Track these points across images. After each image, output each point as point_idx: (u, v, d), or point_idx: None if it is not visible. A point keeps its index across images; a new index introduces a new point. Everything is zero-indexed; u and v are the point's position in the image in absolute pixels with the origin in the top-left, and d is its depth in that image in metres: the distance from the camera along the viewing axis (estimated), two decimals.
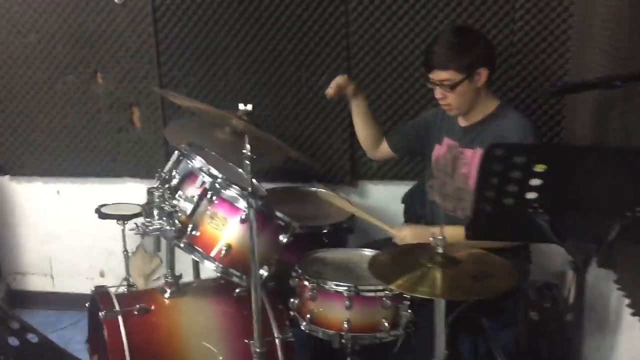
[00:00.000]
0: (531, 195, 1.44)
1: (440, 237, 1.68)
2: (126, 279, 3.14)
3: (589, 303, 2.65)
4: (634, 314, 1.80)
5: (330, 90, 2.54)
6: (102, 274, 3.54)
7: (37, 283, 3.62)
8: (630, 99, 1.77)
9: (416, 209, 2.80)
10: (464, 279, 1.62)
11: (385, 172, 3.10)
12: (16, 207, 3.55)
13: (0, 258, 3.59)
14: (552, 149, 1.53)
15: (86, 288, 3.45)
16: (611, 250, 1.85)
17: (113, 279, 3.43)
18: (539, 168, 1.38)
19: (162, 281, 2.21)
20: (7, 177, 3.49)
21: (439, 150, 2.45)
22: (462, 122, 2.37)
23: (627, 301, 1.88)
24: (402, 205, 2.88)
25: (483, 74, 2.23)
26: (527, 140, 2.17)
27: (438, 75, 2.21)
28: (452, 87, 2.19)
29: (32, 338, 1.58)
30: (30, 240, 3.58)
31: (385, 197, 3.13)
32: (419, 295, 1.59)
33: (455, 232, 1.77)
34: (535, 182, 1.41)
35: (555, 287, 2.86)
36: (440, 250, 1.68)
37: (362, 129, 2.65)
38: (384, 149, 2.67)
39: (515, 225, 1.54)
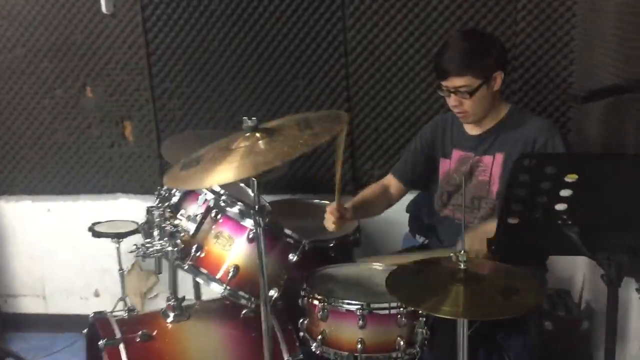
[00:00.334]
0: (561, 206, 1.36)
1: (461, 252, 1.59)
2: (122, 299, 3.04)
3: (603, 311, 2.59)
4: None
5: (331, 226, 2.18)
6: (96, 294, 3.44)
7: (29, 305, 3.50)
8: None
9: (422, 219, 2.72)
10: (489, 296, 1.53)
11: None
12: (6, 227, 3.43)
13: None
14: (584, 158, 1.45)
15: (81, 309, 3.42)
16: None
17: (108, 298, 3.34)
18: (570, 178, 1.30)
19: (159, 299, 2.10)
20: None
21: (447, 165, 2.35)
22: (473, 131, 2.28)
23: None
24: (407, 215, 2.79)
25: (499, 78, 2.15)
26: (555, 142, 2.09)
27: (454, 82, 2.12)
28: (471, 93, 2.11)
29: None
30: (21, 260, 3.46)
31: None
32: (442, 316, 1.50)
33: None
34: (566, 192, 1.34)
35: (567, 295, 2.79)
36: (462, 266, 1.59)
37: (372, 212, 2.45)
38: (396, 189, 2.47)
39: (543, 238, 1.46)
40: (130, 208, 3.19)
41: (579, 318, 2.61)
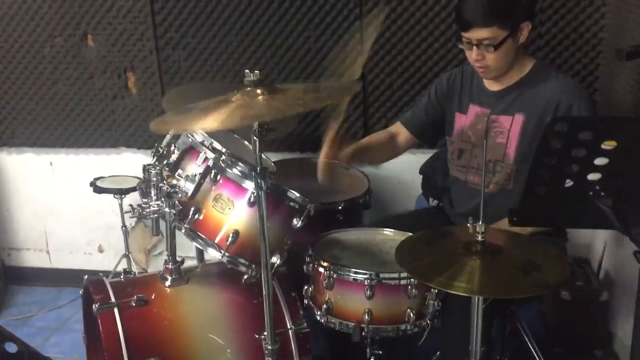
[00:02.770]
0: (594, 176, 1.22)
1: (479, 223, 1.46)
2: (126, 255, 2.98)
3: (625, 282, 2.47)
4: None
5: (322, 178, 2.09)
6: (101, 250, 3.39)
7: (33, 259, 3.47)
8: None
9: (436, 181, 2.58)
10: (509, 272, 1.41)
11: None
12: (7, 179, 3.36)
13: None
14: (626, 122, 1.30)
15: (85, 264, 3.37)
16: None
17: (112, 254, 3.30)
18: (608, 145, 1.15)
19: (165, 256, 2.01)
20: None
21: (463, 120, 2.19)
22: (493, 86, 2.11)
23: None
24: (420, 177, 2.66)
25: (525, 29, 1.97)
26: (580, 107, 1.93)
27: (477, 33, 1.94)
28: (496, 46, 1.93)
29: (10, 347, 1.38)
30: (24, 214, 3.40)
31: (402, 168, 2.88)
32: (456, 293, 1.38)
33: None
34: (601, 161, 1.19)
35: (587, 264, 2.67)
36: (479, 238, 1.46)
37: (375, 158, 2.30)
38: (403, 138, 2.32)
39: (571, 209, 1.32)
40: (135, 163, 3.07)
41: (598, 288, 2.49)
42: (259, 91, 1.50)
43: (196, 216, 1.83)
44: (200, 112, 1.52)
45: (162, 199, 1.82)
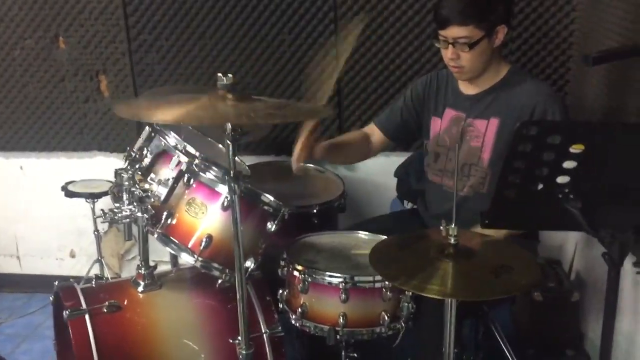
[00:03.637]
0: (563, 179, 1.24)
1: (452, 226, 1.47)
2: (98, 260, 2.94)
3: (595, 283, 2.51)
4: None
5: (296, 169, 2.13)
6: (72, 255, 3.34)
7: (2, 265, 3.41)
8: None
9: (411, 184, 2.60)
10: (480, 274, 1.42)
11: None
12: None
13: None
14: (593, 127, 1.32)
15: (56, 269, 3.32)
16: None
17: (85, 260, 3.25)
18: (576, 148, 1.17)
19: (138, 261, 1.98)
20: None
21: (439, 124, 2.21)
22: (468, 90, 2.13)
23: None
24: (395, 180, 2.67)
25: (501, 32, 2.00)
26: (555, 111, 1.96)
27: (453, 32, 1.96)
28: (471, 46, 1.95)
29: None
30: None
31: (376, 171, 2.92)
32: (429, 295, 1.38)
33: None
34: (569, 164, 1.21)
35: (558, 265, 2.71)
36: (452, 241, 1.47)
37: (348, 156, 2.36)
38: (377, 140, 2.33)
39: (541, 212, 1.34)
40: (107, 166, 3.04)
41: (569, 289, 2.52)
42: (229, 96, 1.49)
43: (169, 221, 1.82)
44: (165, 104, 1.50)
45: (135, 204, 1.81)
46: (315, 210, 2.35)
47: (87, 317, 1.81)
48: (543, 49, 2.66)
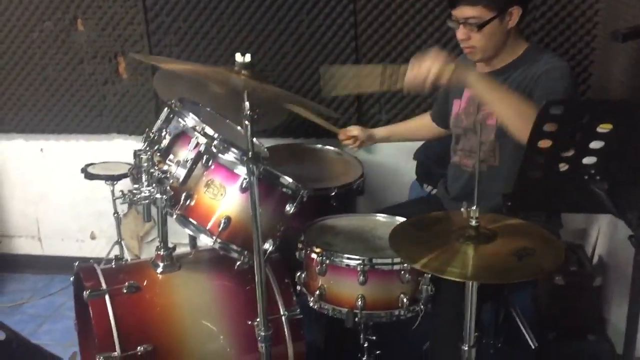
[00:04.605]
0: (589, 160, 1.21)
1: (473, 208, 1.45)
2: (118, 242, 2.96)
3: (618, 267, 2.47)
4: None
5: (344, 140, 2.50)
6: (93, 236, 3.36)
7: (24, 246, 3.44)
8: None
9: (430, 167, 2.57)
10: (502, 257, 1.40)
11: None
12: None
13: None
14: (622, 106, 1.28)
15: (77, 251, 3.35)
16: None
17: (105, 241, 3.28)
18: (604, 128, 1.14)
19: (157, 243, 1.99)
20: None
21: (458, 106, 2.19)
22: (484, 69, 2.09)
23: None
24: (414, 163, 2.65)
25: (515, 14, 1.95)
26: (560, 84, 1.89)
27: (463, 12, 1.93)
28: (480, 26, 1.92)
29: None
30: (14, 200, 3.37)
31: (396, 153, 2.90)
32: (449, 278, 1.36)
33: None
34: (596, 144, 1.17)
35: (580, 249, 2.67)
36: (473, 223, 1.45)
37: (404, 140, 2.61)
38: (438, 130, 2.46)
39: (566, 194, 1.31)
40: (126, 148, 3.07)
41: (592, 273, 2.48)
42: (244, 72, 1.48)
43: (188, 202, 1.81)
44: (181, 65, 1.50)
45: (154, 185, 1.80)
46: (333, 193, 2.34)
47: (107, 297, 1.82)
48: (567, 29, 2.60)
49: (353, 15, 2.71)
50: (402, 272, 1.79)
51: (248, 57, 1.51)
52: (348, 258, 1.81)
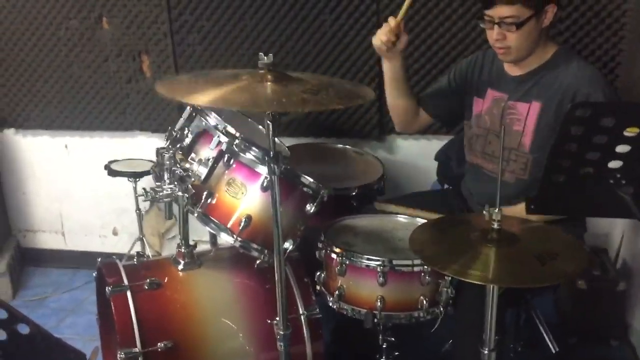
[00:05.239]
0: (615, 164, 1.19)
1: (495, 210, 1.44)
2: (140, 239, 2.99)
3: None
4: None
5: (381, 38, 2.02)
6: (115, 232, 3.39)
7: (48, 241, 3.49)
8: None
9: (452, 168, 2.55)
10: (524, 261, 1.38)
11: None
12: (23, 162, 3.37)
13: (8, 214, 3.44)
14: None
15: (99, 246, 3.39)
16: None
17: (126, 237, 3.32)
18: (631, 132, 1.12)
19: (178, 240, 2.01)
20: (12, 130, 3.30)
21: (480, 105, 2.16)
22: (513, 71, 2.07)
23: None
24: (435, 163, 2.63)
25: (550, 12, 1.92)
26: (597, 95, 1.88)
27: (500, 11, 1.89)
28: (518, 25, 1.88)
29: (23, 328, 1.38)
30: (39, 196, 3.42)
31: (416, 154, 2.89)
32: (470, 281, 1.35)
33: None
34: (623, 148, 1.16)
35: (604, 253, 2.63)
36: (495, 226, 1.43)
37: (396, 96, 2.22)
38: (421, 118, 2.30)
39: (590, 198, 1.29)
40: (149, 146, 3.10)
41: (615, 278, 2.45)
42: (269, 76, 1.48)
43: (209, 200, 1.82)
44: (203, 86, 1.50)
45: (175, 183, 1.81)
46: (354, 193, 2.34)
47: (128, 293, 1.84)
48: (594, 30, 2.56)
49: (376, 15, 2.71)
50: (423, 274, 1.78)
51: (270, 57, 1.51)
52: (368, 259, 1.80)
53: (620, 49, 2.56)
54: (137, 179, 2.85)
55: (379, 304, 1.79)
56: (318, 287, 1.96)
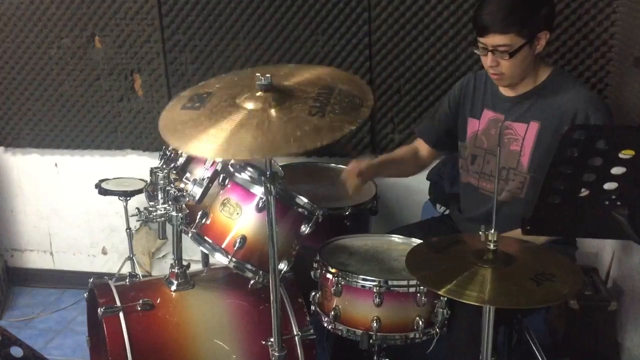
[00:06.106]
0: (610, 185, 1.20)
1: (491, 231, 1.44)
2: (130, 258, 2.96)
3: (634, 292, 2.45)
4: None
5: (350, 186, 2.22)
6: (104, 252, 3.36)
7: (36, 260, 3.45)
8: None
9: (444, 187, 2.56)
10: (521, 281, 1.39)
11: None
12: (12, 180, 3.35)
13: None
14: None
15: (88, 266, 3.36)
16: None
17: (116, 257, 3.29)
18: (626, 154, 1.13)
19: (169, 259, 1.99)
20: (1, 148, 3.28)
21: (476, 126, 2.17)
22: (508, 92, 2.09)
23: None
24: (428, 183, 2.64)
25: (543, 39, 1.95)
26: (597, 118, 1.90)
27: (493, 40, 1.91)
28: (511, 54, 1.90)
29: (16, 351, 1.36)
30: (27, 215, 3.39)
31: None
32: (467, 302, 1.36)
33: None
34: (618, 170, 1.17)
35: (595, 272, 2.65)
36: (491, 246, 1.44)
37: (396, 173, 2.46)
38: (425, 152, 2.34)
39: (585, 219, 1.30)
40: (140, 165, 3.10)
41: (607, 297, 2.46)
42: (270, 98, 1.47)
43: (203, 220, 1.82)
44: (206, 122, 1.46)
45: (169, 203, 1.81)
46: (347, 213, 2.33)
47: (121, 314, 1.82)
48: (582, 52, 2.60)
49: (368, 36, 2.73)
50: (419, 294, 1.78)
51: (268, 78, 1.52)
52: (364, 279, 1.80)
53: (608, 70, 2.60)
54: (128, 198, 2.84)
55: (375, 324, 1.78)
56: (313, 308, 1.95)
